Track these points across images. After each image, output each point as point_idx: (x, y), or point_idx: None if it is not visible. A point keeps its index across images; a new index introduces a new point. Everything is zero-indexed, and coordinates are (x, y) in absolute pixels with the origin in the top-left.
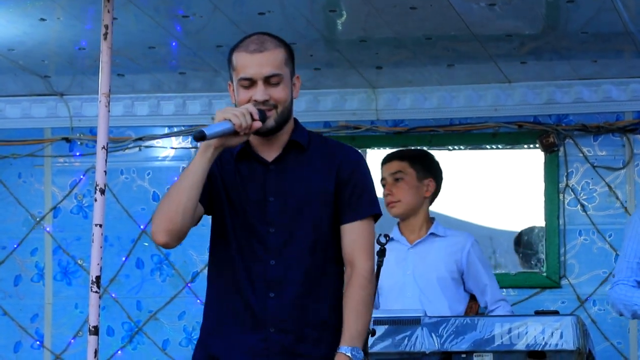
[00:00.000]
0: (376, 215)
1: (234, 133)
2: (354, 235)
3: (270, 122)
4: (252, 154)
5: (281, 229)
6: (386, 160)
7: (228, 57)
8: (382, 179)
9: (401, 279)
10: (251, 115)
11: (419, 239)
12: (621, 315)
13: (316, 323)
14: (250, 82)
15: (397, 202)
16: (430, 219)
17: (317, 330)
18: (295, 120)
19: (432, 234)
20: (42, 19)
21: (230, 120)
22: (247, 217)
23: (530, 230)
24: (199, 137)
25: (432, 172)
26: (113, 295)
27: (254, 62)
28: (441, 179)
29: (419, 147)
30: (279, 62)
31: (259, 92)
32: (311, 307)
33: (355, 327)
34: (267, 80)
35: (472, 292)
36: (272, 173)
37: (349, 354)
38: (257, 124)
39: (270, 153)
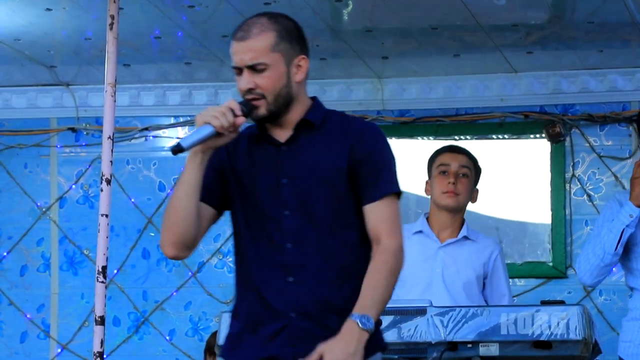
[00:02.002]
0: (397, 193)
1: (218, 134)
2: (376, 215)
3: (262, 111)
4: (264, 136)
5: (296, 211)
6: (455, 150)
7: None
8: (445, 165)
9: (428, 276)
10: (233, 111)
11: (451, 239)
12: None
13: (338, 307)
14: (239, 70)
15: (458, 196)
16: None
17: (339, 315)
18: (314, 99)
19: (464, 237)
20: (48, 9)
21: (210, 123)
22: (260, 201)
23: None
24: (177, 150)
25: (477, 184)
26: (119, 285)
27: (238, 50)
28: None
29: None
30: (264, 49)
31: (243, 81)
32: (333, 291)
33: (370, 296)
34: (252, 68)
35: (487, 298)
36: (284, 154)
37: (357, 321)
38: (240, 120)
39: (282, 134)
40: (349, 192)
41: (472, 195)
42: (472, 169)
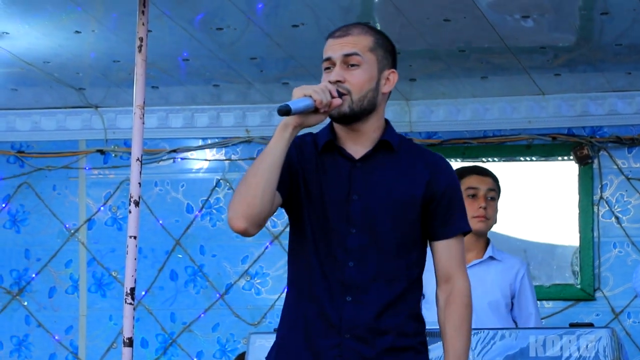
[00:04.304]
0: (467, 232)
1: (314, 110)
2: (450, 252)
3: (344, 107)
4: (338, 147)
5: (363, 229)
6: (483, 173)
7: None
8: (474, 189)
9: None
10: (330, 93)
11: (477, 260)
12: None
13: (393, 331)
14: (330, 63)
15: (488, 220)
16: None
17: (394, 339)
18: (387, 121)
19: (490, 257)
20: (77, 32)
21: (310, 96)
22: (327, 214)
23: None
24: (285, 111)
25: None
26: (147, 307)
27: (336, 43)
28: None
29: None
30: (361, 46)
31: (334, 73)
32: (389, 314)
33: (461, 347)
34: (345, 61)
35: (515, 319)
36: (358, 170)
37: None
38: (337, 101)
39: (357, 150)
40: (416, 220)
41: (496, 218)
42: (497, 191)
